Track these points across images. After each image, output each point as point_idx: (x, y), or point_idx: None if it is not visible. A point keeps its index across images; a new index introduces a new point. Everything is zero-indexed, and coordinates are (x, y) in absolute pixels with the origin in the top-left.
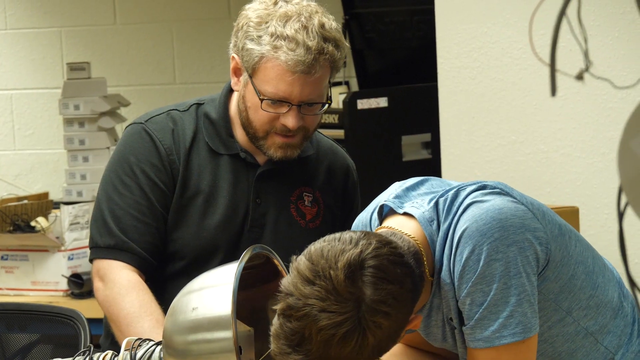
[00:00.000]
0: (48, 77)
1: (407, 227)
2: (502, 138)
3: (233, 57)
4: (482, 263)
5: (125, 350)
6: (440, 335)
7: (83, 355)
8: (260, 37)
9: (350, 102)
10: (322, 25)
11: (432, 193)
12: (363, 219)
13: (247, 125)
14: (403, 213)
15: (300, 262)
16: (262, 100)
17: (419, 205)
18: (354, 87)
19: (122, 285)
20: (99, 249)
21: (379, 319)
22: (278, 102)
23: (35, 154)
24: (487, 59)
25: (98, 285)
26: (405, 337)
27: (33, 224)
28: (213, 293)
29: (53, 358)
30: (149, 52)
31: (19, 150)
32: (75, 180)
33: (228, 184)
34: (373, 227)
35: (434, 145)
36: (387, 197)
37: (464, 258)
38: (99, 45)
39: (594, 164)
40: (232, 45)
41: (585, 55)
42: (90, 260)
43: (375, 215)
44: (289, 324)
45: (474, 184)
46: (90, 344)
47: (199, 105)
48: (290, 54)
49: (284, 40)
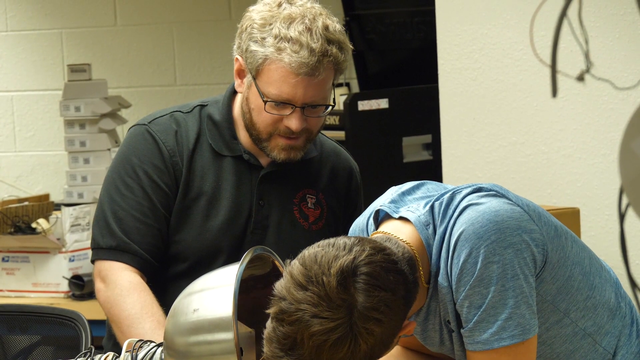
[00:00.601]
0: (49, 78)
1: (402, 231)
2: (502, 139)
3: (237, 58)
4: (479, 266)
5: (127, 352)
6: (438, 339)
7: (84, 357)
8: (264, 39)
9: (351, 103)
10: (326, 28)
11: (427, 197)
12: (360, 224)
13: (250, 127)
14: (399, 217)
15: (294, 266)
16: (265, 102)
17: (415, 210)
18: (355, 88)
19: (123, 287)
20: (101, 250)
21: (371, 326)
22: (282, 104)
23: (36, 156)
24: (487, 60)
25: (99, 287)
26: (404, 339)
27: (34, 226)
28: (214, 294)
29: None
30: (150, 53)
31: (20, 152)
32: (76, 182)
33: (231, 186)
34: (369, 231)
35: (435, 147)
36: (383, 201)
37: (461, 261)
38: (100, 47)
39: (595, 165)
40: (235, 47)
41: (586, 57)
42: (92, 261)
43: (372, 220)
44: (282, 328)
45: (470, 187)
46: (92, 346)
47: (203, 107)
48: (294, 56)
49: (288, 42)
